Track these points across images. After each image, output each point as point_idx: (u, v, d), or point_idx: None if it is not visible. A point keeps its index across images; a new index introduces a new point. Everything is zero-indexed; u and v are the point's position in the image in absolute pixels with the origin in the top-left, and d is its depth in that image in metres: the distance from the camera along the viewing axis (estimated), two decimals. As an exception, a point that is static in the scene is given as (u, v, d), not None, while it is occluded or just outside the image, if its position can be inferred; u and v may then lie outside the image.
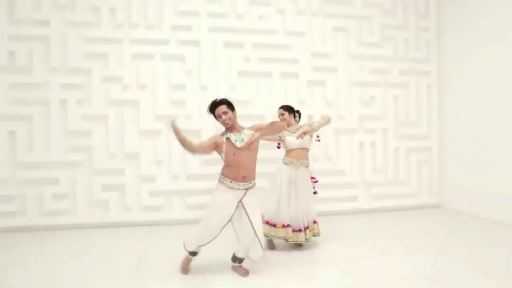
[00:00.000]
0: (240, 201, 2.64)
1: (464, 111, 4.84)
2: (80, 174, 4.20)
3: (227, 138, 2.64)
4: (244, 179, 2.64)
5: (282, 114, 3.47)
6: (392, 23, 5.10)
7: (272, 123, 2.76)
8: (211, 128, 4.27)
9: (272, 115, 4.66)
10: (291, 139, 3.37)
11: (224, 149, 2.63)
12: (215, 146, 2.65)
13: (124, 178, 4.29)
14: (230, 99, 4.38)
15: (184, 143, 2.49)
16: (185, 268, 2.81)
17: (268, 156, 4.42)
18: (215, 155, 2.76)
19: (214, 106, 2.67)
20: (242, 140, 2.62)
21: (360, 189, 4.96)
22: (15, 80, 4.05)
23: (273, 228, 3.27)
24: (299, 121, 3.60)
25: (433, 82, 5.24)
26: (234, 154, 2.60)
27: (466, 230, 4.05)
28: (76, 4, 4.18)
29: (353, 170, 4.96)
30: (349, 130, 4.95)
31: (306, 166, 3.39)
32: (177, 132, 2.45)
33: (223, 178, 2.67)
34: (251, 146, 2.65)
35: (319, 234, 3.46)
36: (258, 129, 2.77)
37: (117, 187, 4.28)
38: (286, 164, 3.36)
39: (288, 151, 3.41)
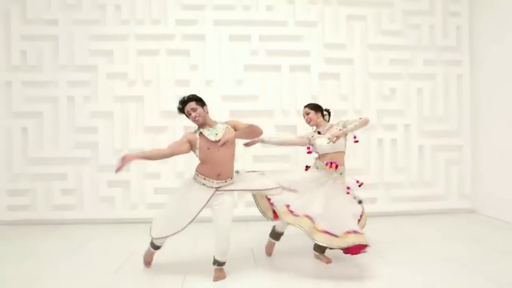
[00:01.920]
0: (210, 198, 2.49)
1: (500, 104, 4.26)
2: (87, 170, 4.25)
3: (200, 134, 2.52)
4: (219, 176, 2.50)
5: (307, 114, 3.01)
6: (416, 8, 4.63)
7: (250, 126, 2.57)
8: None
9: (281, 110, 4.46)
10: (322, 143, 2.88)
11: (198, 145, 2.50)
12: (189, 144, 2.51)
13: (129, 174, 4.26)
14: (237, 94, 4.22)
15: (151, 157, 2.44)
16: (148, 262, 2.76)
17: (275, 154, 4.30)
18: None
19: (182, 105, 2.55)
20: (216, 134, 2.49)
21: (379, 190, 4.56)
22: (27, 78, 4.20)
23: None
24: (328, 120, 3.15)
25: (465, 73, 4.68)
26: (208, 148, 2.46)
27: (502, 239, 3.53)
28: (83, 2, 4.24)
29: (370, 169, 4.57)
30: (366, 126, 4.48)
31: (341, 174, 2.87)
32: (133, 158, 2.31)
33: (197, 175, 2.55)
34: (227, 143, 2.48)
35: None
36: (234, 126, 2.61)
37: (122, 183, 4.27)
38: (317, 168, 2.90)
39: (321, 156, 2.93)
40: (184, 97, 2.56)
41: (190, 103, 2.52)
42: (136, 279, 2.63)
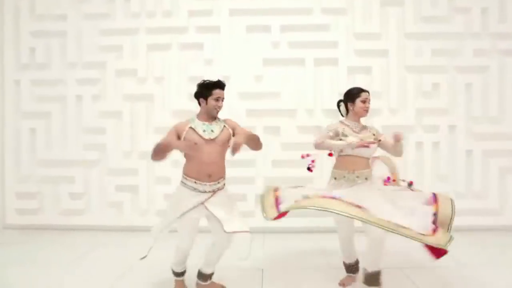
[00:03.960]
0: (203, 203, 2.18)
1: None
2: (95, 173, 4.05)
3: (191, 128, 2.20)
4: (210, 178, 2.17)
5: (367, 99, 2.43)
6: (465, -11, 3.98)
7: (256, 135, 2.28)
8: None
9: (305, 109, 4.02)
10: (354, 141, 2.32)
11: (183, 137, 2.18)
12: (177, 135, 2.20)
13: (138, 179, 4.01)
14: (256, 92, 3.90)
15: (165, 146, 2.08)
16: None
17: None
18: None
19: (211, 87, 2.22)
20: (212, 131, 2.20)
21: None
22: (35, 76, 4.06)
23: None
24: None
25: (525, 64, 3.97)
26: (195, 144, 2.14)
27: None
28: (92, -5, 4.03)
29: (407, 177, 3.92)
30: (402, 127, 3.94)
31: (366, 178, 2.39)
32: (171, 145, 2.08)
33: (185, 178, 2.22)
34: (218, 139, 2.21)
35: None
36: (233, 127, 2.31)
37: (131, 188, 4.02)
38: (336, 178, 2.41)
39: (342, 158, 2.43)
40: (218, 80, 2.26)
41: (221, 91, 2.25)
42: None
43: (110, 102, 4.04)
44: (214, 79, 2.26)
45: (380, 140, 2.44)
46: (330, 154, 2.49)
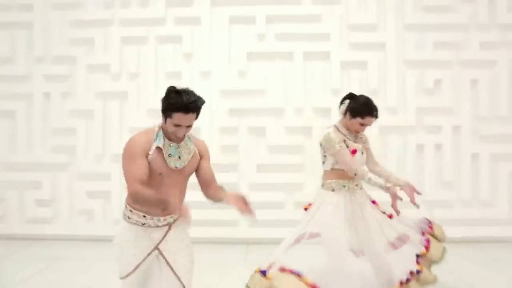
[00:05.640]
0: (157, 247, 1.63)
1: None
2: (64, 178, 3.80)
3: (158, 148, 1.58)
4: (165, 212, 1.59)
5: (368, 125, 2.30)
6: (470, -24, 3.73)
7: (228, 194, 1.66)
8: (209, 126, 3.60)
9: (293, 108, 3.79)
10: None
11: (149, 159, 1.56)
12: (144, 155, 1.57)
13: (110, 184, 3.74)
14: (239, 89, 3.51)
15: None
16: None
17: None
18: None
19: (178, 109, 1.49)
20: (180, 157, 1.61)
21: (418, 209, 3.62)
22: (-1, 72, 3.81)
23: None
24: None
25: (537, 58, 3.67)
26: (160, 174, 1.58)
27: None
28: (60, -17, 3.78)
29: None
30: (402, 128, 3.75)
31: (361, 188, 2.33)
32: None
33: (130, 211, 1.60)
34: (186, 169, 1.64)
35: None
36: (201, 153, 1.73)
37: (102, 194, 3.75)
38: (333, 190, 2.25)
39: (334, 171, 2.28)
40: (187, 101, 1.49)
41: (190, 115, 1.53)
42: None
43: (81, 100, 3.82)
44: (184, 94, 1.52)
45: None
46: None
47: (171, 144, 1.60)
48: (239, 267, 2.99)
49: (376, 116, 2.23)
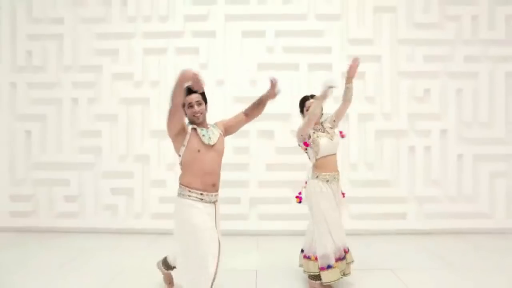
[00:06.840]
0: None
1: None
2: (90, 176, 4.04)
3: (194, 129, 2.03)
4: (214, 187, 2.04)
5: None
6: (456, -3, 4.04)
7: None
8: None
9: (299, 114, 3.95)
10: (325, 142, 2.51)
11: (186, 141, 1.98)
12: (182, 130, 2.01)
13: (133, 181, 4.01)
14: (250, 96, 3.69)
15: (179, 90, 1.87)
16: (169, 282, 2.55)
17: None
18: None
19: (188, 90, 1.99)
20: (210, 138, 2.04)
21: (409, 205, 4.00)
22: (31, 79, 4.06)
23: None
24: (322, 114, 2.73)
25: (514, 70, 4.03)
26: (199, 151, 1.99)
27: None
28: (89, -2, 4.05)
29: (400, 181, 4.02)
30: (395, 131, 4.04)
31: (338, 180, 2.58)
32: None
33: (189, 191, 1.98)
34: (216, 147, 2.07)
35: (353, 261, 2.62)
36: (225, 125, 2.22)
37: (126, 191, 4.02)
38: (322, 181, 2.49)
39: (320, 161, 2.52)
40: (188, 86, 1.93)
41: (195, 94, 2.03)
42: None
43: (106, 105, 4.04)
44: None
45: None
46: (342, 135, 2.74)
47: (202, 129, 2.06)
48: (253, 253, 3.37)
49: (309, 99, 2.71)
